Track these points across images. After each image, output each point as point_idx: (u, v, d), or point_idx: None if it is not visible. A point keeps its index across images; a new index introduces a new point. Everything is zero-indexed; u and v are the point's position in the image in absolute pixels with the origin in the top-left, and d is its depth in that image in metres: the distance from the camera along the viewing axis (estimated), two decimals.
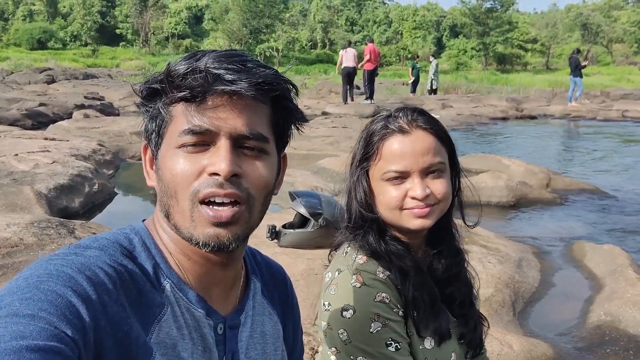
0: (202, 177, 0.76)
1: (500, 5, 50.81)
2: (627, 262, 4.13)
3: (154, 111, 0.81)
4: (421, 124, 1.23)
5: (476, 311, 1.38)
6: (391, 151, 1.22)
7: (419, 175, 1.20)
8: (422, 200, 1.19)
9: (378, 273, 1.21)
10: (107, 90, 18.14)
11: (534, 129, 14.64)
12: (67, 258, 0.73)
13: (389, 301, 1.18)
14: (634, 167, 9.16)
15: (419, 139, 1.21)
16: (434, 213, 1.22)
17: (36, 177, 5.11)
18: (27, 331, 0.60)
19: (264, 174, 0.81)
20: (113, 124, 9.75)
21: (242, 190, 0.78)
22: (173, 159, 0.78)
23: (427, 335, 1.22)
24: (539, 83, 29.20)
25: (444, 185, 1.22)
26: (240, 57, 0.79)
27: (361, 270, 1.21)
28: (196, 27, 61.82)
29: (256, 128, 0.79)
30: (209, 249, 0.78)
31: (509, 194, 6.24)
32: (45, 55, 42.50)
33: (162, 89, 0.79)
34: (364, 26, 63.21)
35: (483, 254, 3.99)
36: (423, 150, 1.20)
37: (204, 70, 0.75)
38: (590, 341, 3.20)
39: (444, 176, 1.23)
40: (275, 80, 0.79)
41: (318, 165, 6.77)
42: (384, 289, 1.19)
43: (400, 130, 1.22)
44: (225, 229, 0.78)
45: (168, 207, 0.80)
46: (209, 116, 0.76)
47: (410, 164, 1.20)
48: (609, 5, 60.10)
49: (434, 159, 1.21)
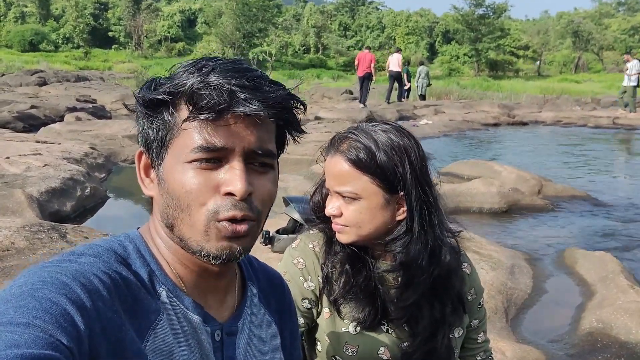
0: (217, 196, 0.77)
1: (492, 12, 51.04)
2: (618, 269, 4.15)
3: (158, 121, 0.80)
4: (342, 149, 1.26)
5: (446, 342, 1.32)
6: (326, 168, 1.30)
7: (335, 195, 1.28)
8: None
9: (312, 243, 1.33)
10: (99, 93, 18.05)
11: (526, 136, 14.73)
12: (61, 265, 0.72)
13: (303, 268, 1.31)
14: (625, 174, 9.23)
15: (337, 163, 1.26)
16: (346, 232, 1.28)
17: (27, 181, 5.07)
18: (22, 340, 0.59)
19: (271, 189, 0.82)
20: (105, 127, 9.71)
21: (253, 209, 0.79)
22: (184, 174, 0.77)
23: (348, 320, 1.29)
24: (531, 89, 29.33)
25: (352, 210, 1.25)
26: (251, 72, 0.79)
27: (304, 237, 1.36)
28: (189, 31, 61.72)
29: (266, 144, 0.80)
30: (219, 261, 0.79)
31: (501, 200, 6.26)
32: (37, 57, 42.23)
33: (170, 100, 0.78)
34: (357, 31, 63.38)
35: (475, 260, 3.99)
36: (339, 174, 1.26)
37: (218, 88, 0.75)
38: (582, 348, 3.21)
39: (354, 203, 1.25)
40: (289, 102, 0.81)
41: (311, 170, 6.77)
42: (305, 256, 1.32)
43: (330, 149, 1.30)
44: (238, 242, 0.79)
45: (174, 219, 0.80)
46: (223, 134, 0.76)
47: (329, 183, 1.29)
48: (600, 13, 60.67)
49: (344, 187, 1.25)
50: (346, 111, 15.19)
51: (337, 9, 65.65)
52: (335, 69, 49.89)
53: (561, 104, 20.53)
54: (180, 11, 61.25)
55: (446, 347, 1.32)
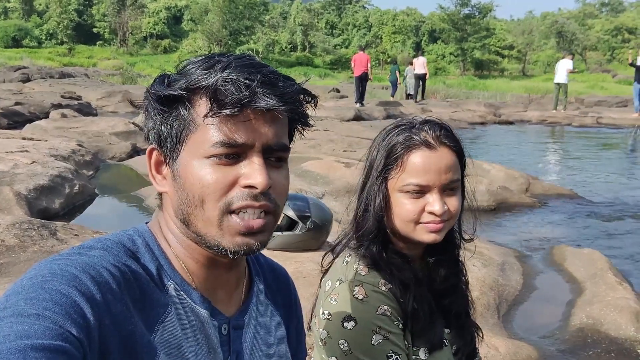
0: (235, 189, 0.77)
1: (478, 12, 51.42)
2: (606, 266, 4.21)
3: (173, 117, 0.79)
4: (445, 141, 1.23)
5: (472, 322, 1.39)
6: (415, 164, 1.21)
7: (438, 191, 1.21)
8: (439, 216, 1.20)
9: (380, 285, 1.21)
10: (84, 90, 17.87)
11: (512, 134, 14.86)
12: (71, 258, 0.73)
13: (390, 314, 1.19)
14: (610, 172, 9.35)
15: (443, 156, 1.21)
16: (445, 229, 1.24)
17: (15, 178, 5.00)
18: (32, 330, 0.60)
19: (286, 183, 0.84)
20: (92, 124, 9.61)
21: (271, 202, 0.79)
22: (203, 169, 0.77)
23: (422, 346, 1.23)
24: (516, 89, 29.61)
25: (458, 202, 1.24)
26: (265, 67, 0.80)
27: (363, 282, 1.22)
28: (175, 28, 61.27)
29: (282, 139, 0.81)
30: (237, 255, 0.80)
31: (490, 199, 6.32)
32: (20, 53, 41.63)
33: (187, 96, 0.78)
34: (343, 30, 63.41)
35: (467, 257, 4.02)
36: (446, 167, 1.21)
37: (238, 83, 0.75)
38: (573, 344, 3.25)
39: (457, 193, 1.25)
40: (304, 97, 0.82)
41: (302, 168, 6.76)
42: (386, 301, 1.20)
43: (426, 144, 1.21)
44: (254, 237, 0.79)
45: (189, 215, 0.80)
46: (243, 130, 0.77)
47: (433, 180, 1.20)
48: (584, 14, 61.44)
49: (453, 176, 1.22)
50: (334, 109, 15.22)
51: (324, 7, 65.58)
52: (322, 67, 49.88)
53: (546, 104, 20.73)
54: (166, 8, 60.73)
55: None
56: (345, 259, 1.29)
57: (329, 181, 6.34)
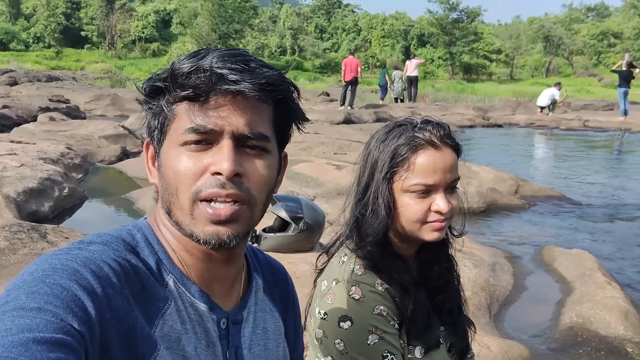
0: (205, 176, 0.77)
1: (466, 16, 51.76)
2: (595, 266, 4.25)
3: (157, 108, 0.81)
4: (448, 141, 1.24)
5: (464, 317, 1.40)
6: (423, 165, 1.21)
7: (443, 191, 1.22)
8: (444, 214, 1.21)
9: (377, 285, 1.22)
10: (72, 93, 17.74)
11: (501, 137, 14.97)
12: (71, 253, 0.73)
13: (386, 314, 1.19)
14: (597, 174, 9.45)
15: (447, 156, 1.22)
16: (446, 226, 1.26)
17: (4, 181, 4.96)
18: (34, 324, 0.60)
19: (265, 173, 0.81)
20: (80, 127, 9.55)
21: (243, 190, 0.78)
22: (176, 157, 0.78)
23: (417, 345, 1.24)
24: (504, 93, 29.81)
25: (458, 200, 1.26)
26: (244, 56, 0.80)
27: (360, 282, 1.22)
28: (164, 31, 61.00)
29: (257, 128, 0.79)
30: (209, 246, 0.79)
31: (479, 200, 6.35)
32: (7, 56, 41.27)
33: (165, 87, 0.79)
34: (333, 34, 63.52)
35: (458, 258, 4.01)
36: (450, 166, 1.22)
37: (207, 70, 0.76)
38: (564, 342, 3.28)
39: (457, 191, 1.26)
40: (278, 81, 0.80)
41: (293, 171, 6.77)
42: (382, 301, 1.20)
43: (431, 144, 1.21)
44: (225, 226, 0.78)
45: (169, 204, 0.80)
46: (211, 115, 0.76)
47: (439, 179, 1.21)
48: (570, 19, 62.06)
49: (455, 175, 1.24)
50: (324, 112, 15.24)
51: (313, 11, 65.67)
52: (312, 71, 49.89)
53: (533, 107, 20.90)
54: (155, 11, 60.46)
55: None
56: (341, 259, 1.29)
57: (320, 183, 6.35)
